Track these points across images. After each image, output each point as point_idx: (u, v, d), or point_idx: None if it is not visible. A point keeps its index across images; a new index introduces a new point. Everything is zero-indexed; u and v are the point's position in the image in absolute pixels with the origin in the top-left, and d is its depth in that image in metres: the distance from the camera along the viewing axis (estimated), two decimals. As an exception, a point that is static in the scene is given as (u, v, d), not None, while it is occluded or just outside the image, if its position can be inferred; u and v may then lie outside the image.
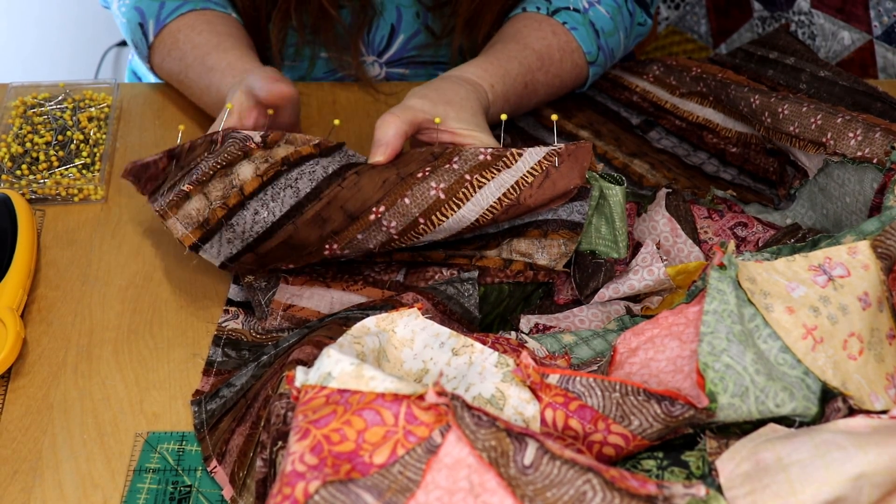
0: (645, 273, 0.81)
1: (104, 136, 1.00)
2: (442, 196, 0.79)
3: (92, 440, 0.74)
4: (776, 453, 0.55)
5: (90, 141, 0.99)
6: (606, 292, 0.82)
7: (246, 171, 0.80)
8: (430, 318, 0.67)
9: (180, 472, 0.72)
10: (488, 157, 0.80)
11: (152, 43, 1.05)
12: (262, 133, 0.81)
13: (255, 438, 0.69)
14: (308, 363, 0.68)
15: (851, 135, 0.81)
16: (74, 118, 1.01)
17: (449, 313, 0.79)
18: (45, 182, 0.94)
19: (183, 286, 0.87)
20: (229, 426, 0.72)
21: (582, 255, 0.84)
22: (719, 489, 0.55)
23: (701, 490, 0.52)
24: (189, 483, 0.71)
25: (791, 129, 0.86)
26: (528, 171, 0.79)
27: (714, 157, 1.01)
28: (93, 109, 1.03)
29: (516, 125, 1.06)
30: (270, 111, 0.90)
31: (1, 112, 1.02)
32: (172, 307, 0.85)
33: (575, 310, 0.84)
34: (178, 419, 0.76)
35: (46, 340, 0.82)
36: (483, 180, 0.79)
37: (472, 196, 0.79)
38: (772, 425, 0.59)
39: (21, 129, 0.99)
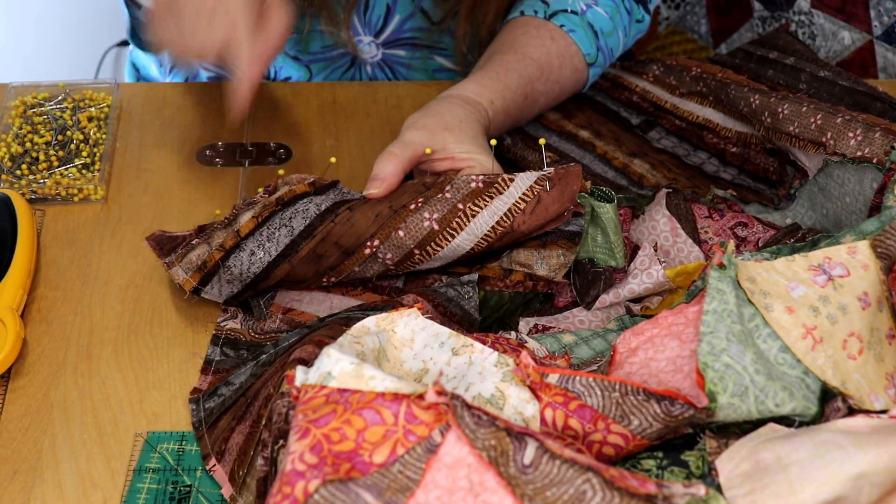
0: (644, 276, 0.81)
1: (104, 136, 1.00)
2: (436, 227, 0.79)
3: (92, 440, 0.74)
4: (776, 453, 0.55)
5: (90, 141, 0.99)
6: (607, 298, 0.82)
7: (245, 216, 0.81)
8: (430, 319, 0.67)
9: (180, 471, 0.72)
10: (480, 185, 0.80)
11: None
12: (265, 187, 0.82)
13: (255, 437, 0.69)
14: (309, 362, 0.68)
15: (851, 135, 0.81)
16: (74, 118, 1.01)
17: (449, 315, 0.79)
18: (44, 182, 0.94)
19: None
20: (228, 424, 0.72)
21: (581, 262, 0.84)
22: (719, 489, 0.55)
23: (700, 489, 0.52)
24: (189, 483, 0.71)
25: (791, 128, 0.86)
26: (520, 198, 0.79)
27: (714, 156, 1.01)
28: (93, 109, 1.03)
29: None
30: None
31: (1, 112, 1.02)
32: (172, 307, 0.85)
33: (574, 310, 0.84)
34: (178, 419, 0.76)
35: (46, 340, 0.82)
36: (476, 209, 0.79)
37: (465, 225, 0.79)
38: (771, 425, 0.59)
39: (21, 128, 0.99)
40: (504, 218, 0.79)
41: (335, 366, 0.58)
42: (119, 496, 0.70)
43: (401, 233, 0.79)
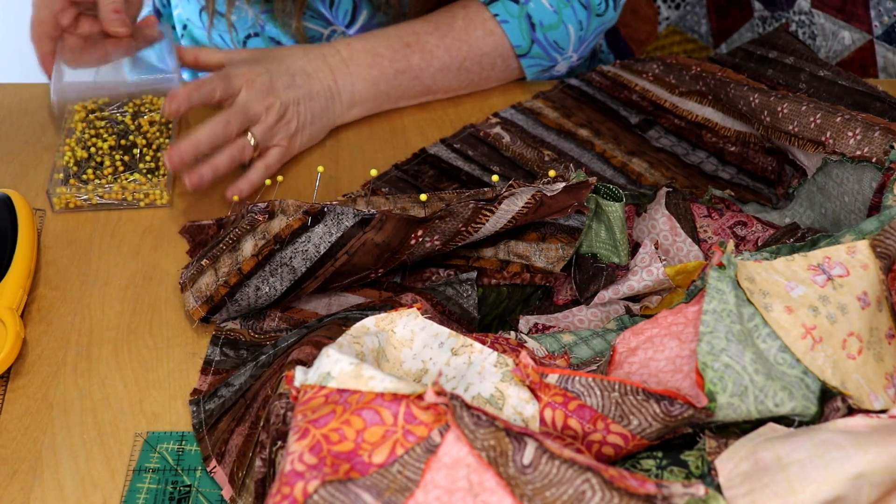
0: (644, 274, 0.81)
1: (167, 141, 1.00)
2: (438, 245, 0.79)
3: (91, 440, 0.74)
4: (775, 453, 0.55)
5: (153, 146, 0.99)
6: (606, 294, 0.82)
7: (247, 248, 0.80)
8: (430, 319, 0.67)
9: (180, 471, 0.72)
10: (479, 207, 0.79)
11: None
12: (263, 204, 0.81)
13: (254, 438, 0.69)
14: (307, 363, 0.68)
15: (850, 134, 0.81)
16: (136, 122, 1.01)
17: (448, 314, 0.79)
18: (111, 187, 0.94)
19: (182, 286, 0.87)
20: (228, 426, 0.72)
21: (583, 257, 0.84)
22: (718, 489, 0.55)
23: (700, 489, 0.52)
24: (189, 483, 0.71)
25: (790, 127, 0.86)
26: (521, 207, 0.79)
27: (713, 156, 1.01)
28: (153, 114, 1.03)
29: (515, 123, 1.06)
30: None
31: (65, 116, 1.02)
32: (172, 307, 0.85)
33: (574, 309, 0.84)
34: (178, 419, 0.76)
35: (46, 340, 0.82)
36: (478, 225, 0.79)
37: (468, 238, 0.80)
38: (771, 425, 0.59)
39: (84, 133, 0.99)
40: (507, 224, 0.80)
41: (334, 366, 0.58)
42: (119, 496, 0.70)
43: (404, 258, 0.80)
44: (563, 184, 0.79)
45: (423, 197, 0.85)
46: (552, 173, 0.84)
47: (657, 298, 0.84)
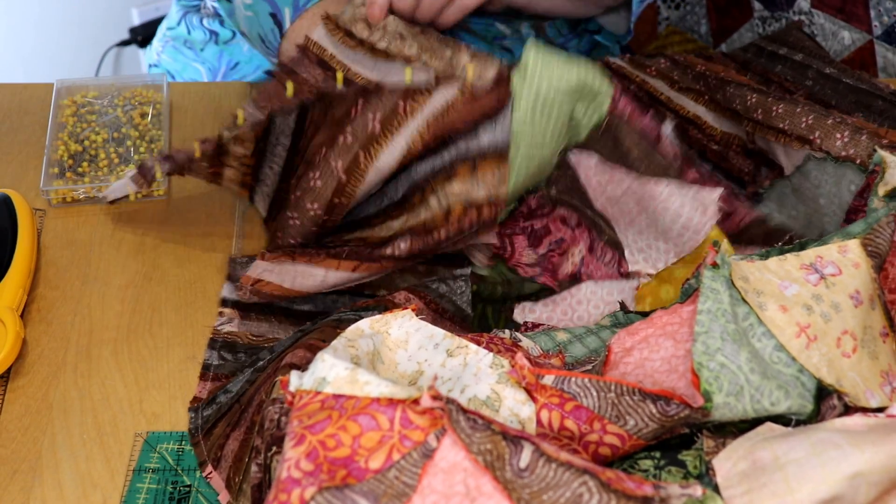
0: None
1: (160, 133, 1.00)
2: (378, 127, 0.79)
3: (91, 440, 0.75)
4: (773, 452, 0.55)
5: (146, 137, 0.99)
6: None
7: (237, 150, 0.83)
8: (424, 319, 0.68)
9: (180, 471, 0.72)
10: (413, 90, 0.80)
11: (286, 31, 0.99)
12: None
13: (249, 443, 0.69)
14: (301, 367, 0.68)
15: (839, 136, 0.82)
16: (127, 115, 1.01)
17: (441, 311, 0.79)
18: (107, 179, 0.94)
19: (182, 286, 0.87)
20: (224, 431, 0.73)
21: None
22: (716, 488, 0.55)
23: (697, 490, 0.52)
24: (189, 483, 0.72)
25: (781, 125, 0.87)
26: (452, 99, 0.78)
27: (693, 150, 1.01)
28: (144, 106, 1.03)
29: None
30: None
31: (54, 111, 1.02)
32: (172, 307, 0.86)
33: (573, 289, 0.84)
34: (178, 419, 0.76)
35: (46, 340, 0.82)
36: (415, 104, 0.79)
37: (404, 123, 0.79)
38: (769, 424, 0.59)
39: (75, 126, 1.00)
40: (431, 132, 0.79)
41: (330, 371, 0.58)
42: (119, 496, 0.71)
43: (349, 139, 0.80)
44: (495, 71, 0.79)
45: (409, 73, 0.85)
46: (470, 70, 0.82)
47: (650, 294, 0.84)
